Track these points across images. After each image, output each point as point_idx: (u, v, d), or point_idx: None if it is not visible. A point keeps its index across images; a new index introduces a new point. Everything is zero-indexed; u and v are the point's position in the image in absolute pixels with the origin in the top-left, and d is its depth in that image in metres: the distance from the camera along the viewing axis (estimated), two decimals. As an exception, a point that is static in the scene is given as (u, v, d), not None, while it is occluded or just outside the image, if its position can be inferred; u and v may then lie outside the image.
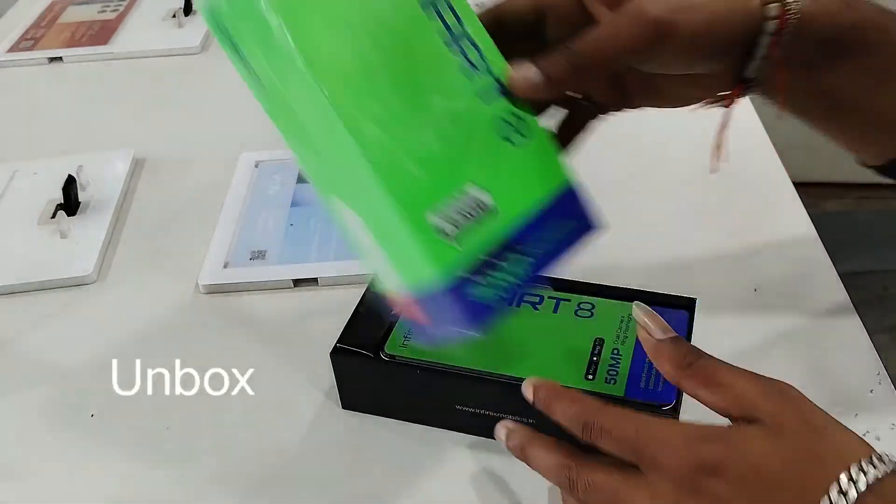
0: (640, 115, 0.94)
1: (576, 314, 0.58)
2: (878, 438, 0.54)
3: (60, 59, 1.10)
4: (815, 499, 0.35)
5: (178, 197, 0.84)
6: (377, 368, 0.56)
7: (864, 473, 0.36)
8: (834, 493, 0.35)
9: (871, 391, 0.57)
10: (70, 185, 0.80)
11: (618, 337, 0.56)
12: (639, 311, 0.46)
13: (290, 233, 0.75)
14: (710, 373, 0.42)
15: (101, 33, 1.13)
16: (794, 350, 0.61)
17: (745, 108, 0.87)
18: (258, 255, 0.73)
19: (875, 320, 1.86)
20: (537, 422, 0.53)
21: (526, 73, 0.44)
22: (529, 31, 0.48)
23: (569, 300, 0.58)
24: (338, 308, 0.68)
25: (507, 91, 0.44)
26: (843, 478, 0.36)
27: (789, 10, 0.46)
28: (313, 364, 0.63)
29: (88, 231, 0.78)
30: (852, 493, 0.35)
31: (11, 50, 1.11)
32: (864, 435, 0.54)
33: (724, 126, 0.52)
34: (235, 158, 0.86)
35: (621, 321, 0.57)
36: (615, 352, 0.55)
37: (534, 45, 0.47)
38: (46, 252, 0.76)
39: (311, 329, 0.66)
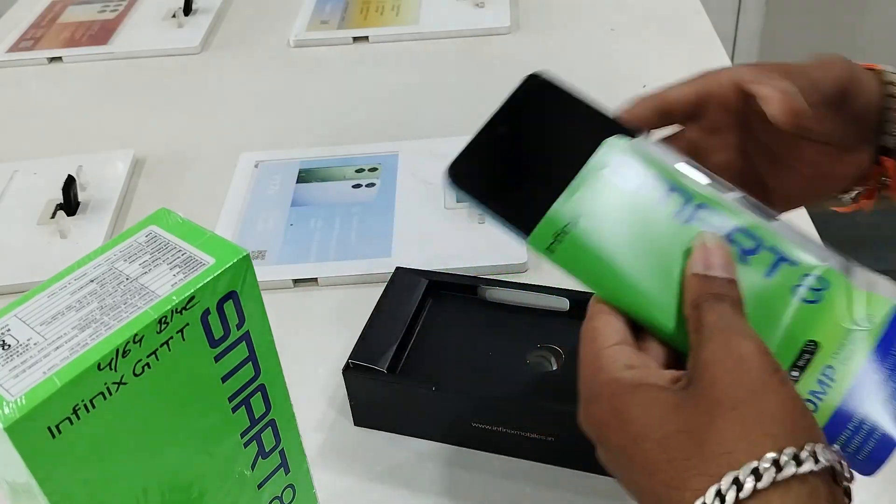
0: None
1: (793, 290, 0.39)
2: (878, 438, 0.54)
3: (60, 59, 1.09)
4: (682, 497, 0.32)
5: (178, 197, 0.84)
6: (391, 385, 0.56)
7: (738, 487, 0.31)
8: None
9: (872, 391, 0.57)
10: (70, 185, 0.80)
11: (838, 352, 0.38)
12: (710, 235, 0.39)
13: (290, 233, 0.75)
14: (709, 319, 0.37)
15: (100, 33, 1.13)
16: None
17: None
18: (258, 255, 0.73)
19: (875, 320, 1.87)
20: (556, 440, 0.53)
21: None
22: (690, 117, 0.49)
23: (795, 264, 0.39)
24: (338, 308, 0.68)
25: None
26: (713, 490, 0.32)
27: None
28: (313, 363, 0.63)
29: (88, 231, 0.78)
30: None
31: (11, 50, 1.11)
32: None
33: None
34: (235, 158, 0.86)
35: (849, 332, 0.38)
36: (828, 372, 0.38)
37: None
38: (46, 252, 0.76)
39: (311, 328, 0.66)
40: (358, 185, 0.80)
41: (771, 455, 0.32)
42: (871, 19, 1.88)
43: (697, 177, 0.41)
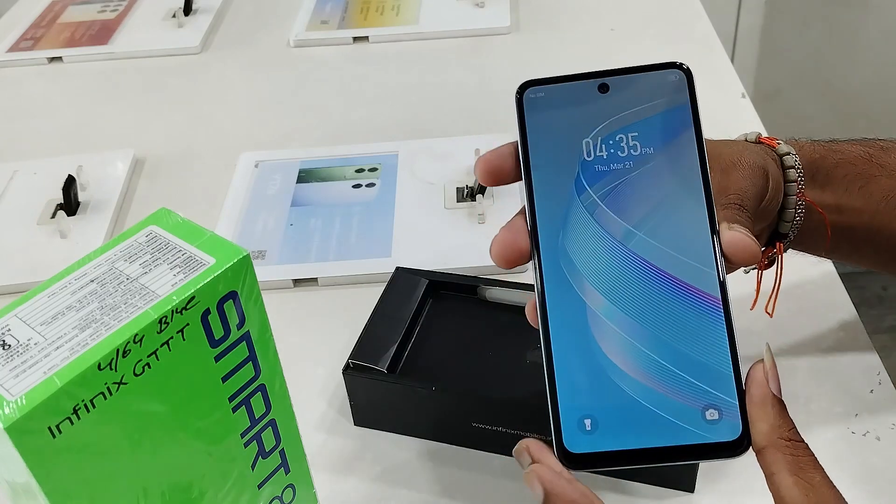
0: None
1: None
2: (878, 438, 0.54)
3: (60, 59, 1.10)
4: None
5: (178, 197, 0.84)
6: (391, 385, 0.56)
7: None
8: None
9: (871, 391, 0.57)
10: (70, 185, 0.80)
11: None
12: (770, 354, 0.41)
13: (290, 233, 0.75)
14: (802, 462, 0.36)
15: (101, 33, 1.13)
16: (794, 350, 0.61)
17: (746, 110, 0.87)
18: (258, 255, 0.73)
19: (875, 320, 1.87)
20: None
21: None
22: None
23: None
24: (338, 308, 0.68)
25: None
26: None
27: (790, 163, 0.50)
28: (313, 363, 0.63)
29: (88, 231, 0.78)
30: None
31: (11, 50, 1.11)
32: (865, 435, 0.54)
33: (775, 287, 0.54)
34: (235, 158, 0.86)
35: None
36: None
37: None
38: (46, 252, 0.76)
39: (311, 328, 0.66)
40: (358, 185, 0.81)
41: None
42: (871, 19, 1.88)
43: None
